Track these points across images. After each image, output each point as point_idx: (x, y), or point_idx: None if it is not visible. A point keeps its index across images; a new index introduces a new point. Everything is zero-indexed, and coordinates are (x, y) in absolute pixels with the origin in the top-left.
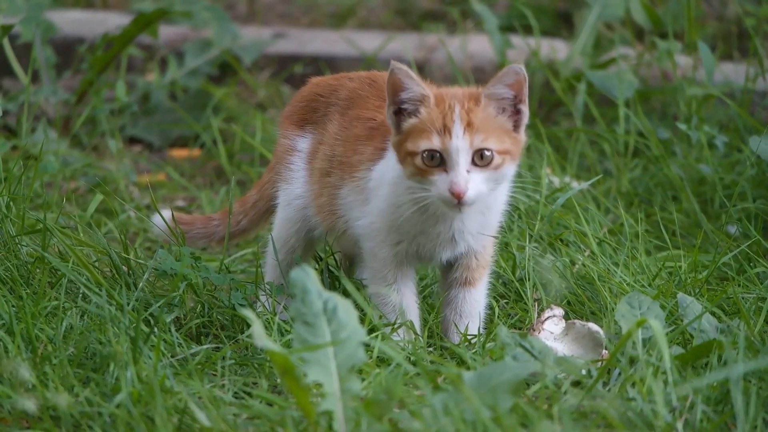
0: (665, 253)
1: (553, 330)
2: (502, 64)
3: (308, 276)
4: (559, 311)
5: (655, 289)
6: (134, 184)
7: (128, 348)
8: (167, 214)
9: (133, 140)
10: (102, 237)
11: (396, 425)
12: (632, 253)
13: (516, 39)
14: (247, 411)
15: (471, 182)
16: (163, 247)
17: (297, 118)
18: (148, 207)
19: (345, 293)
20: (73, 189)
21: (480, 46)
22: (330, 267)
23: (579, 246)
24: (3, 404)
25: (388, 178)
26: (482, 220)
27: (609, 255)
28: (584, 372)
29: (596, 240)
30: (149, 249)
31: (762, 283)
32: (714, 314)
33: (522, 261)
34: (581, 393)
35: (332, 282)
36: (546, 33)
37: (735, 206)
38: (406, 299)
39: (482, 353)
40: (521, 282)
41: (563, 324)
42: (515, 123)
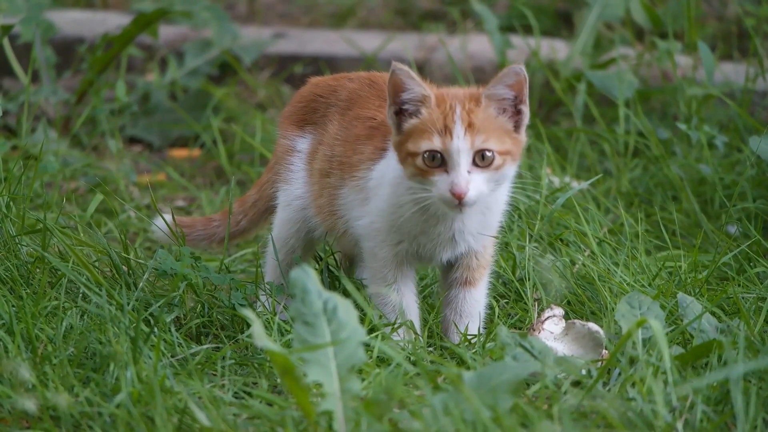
0: (665, 253)
1: (553, 330)
2: (502, 64)
3: (308, 276)
4: (559, 311)
5: (655, 289)
6: (134, 184)
7: (128, 348)
8: (168, 216)
9: (133, 140)
10: (102, 237)
11: (396, 425)
12: (632, 253)
13: (516, 39)
14: (247, 411)
15: (472, 183)
16: (163, 247)
17: (297, 119)
18: (148, 207)
19: (345, 293)
20: (73, 189)
21: (480, 46)
22: (330, 267)
23: (579, 246)
24: (3, 404)
25: (389, 178)
26: (482, 221)
27: (609, 255)
28: (584, 372)
29: (596, 240)
30: (149, 249)
31: (762, 283)
32: (714, 314)
33: (522, 261)
34: (581, 393)
35: (332, 282)
36: (546, 33)
37: (735, 206)
38: (406, 299)
39: (482, 353)
40: (521, 282)
41: (563, 324)
42: (516, 123)
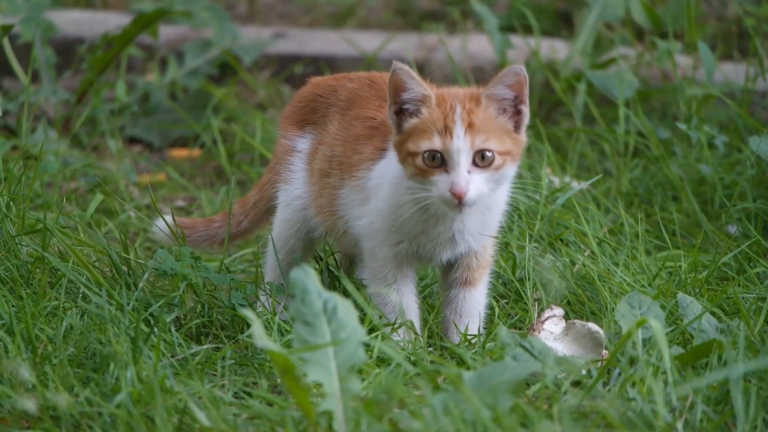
0: (665, 253)
1: (553, 330)
2: (502, 64)
3: (308, 276)
4: (559, 311)
5: (655, 289)
6: (134, 184)
7: (128, 348)
8: (168, 217)
9: (133, 140)
10: (102, 237)
11: (396, 425)
12: (632, 253)
13: (516, 39)
14: (247, 411)
15: (472, 183)
16: (163, 247)
17: (297, 119)
18: (148, 207)
19: (345, 293)
20: (73, 189)
21: (480, 46)
22: (330, 267)
23: (579, 246)
24: (3, 404)
25: (389, 178)
26: (482, 221)
27: (609, 255)
28: (584, 372)
29: (596, 240)
30: (149, 249)
31: (762, 283)
32: (714, 314)
33: (522, 261)
34: (581, 393)
35: (332, 282)
36: (546, 33)
37: (735, 206)
38: (406, 299)
39: (482, 353)
40: (521, 282)
41: (563, 324)
42: (516, 123)
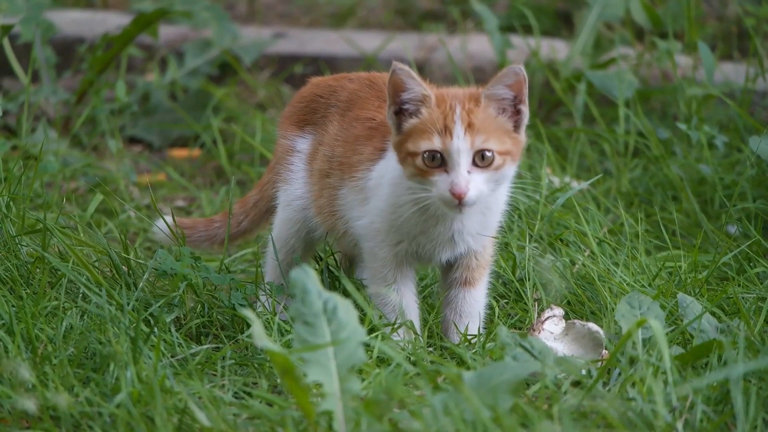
0: (665, 253)
1: (553, 330)
2: (502, 64)
3: (308, 276)
4: (559, 311)
5: (655, 289)
6: (134, 184)
7: (128, 348)
8: (168, 217)
9: (133, 140)
10: (102, 237)
11: (396, 425)
12: (632, 253)
13: (516, 39)
14: (247, 411)
15: (472, 183)
16: (163, 247)
17: (297, 119)
18: (148, 207)
19: (345, 293)
20: (73, 189)
21: (480, 46)
22: (330, 267)
23: (579, 246)
24: (3, 404)
25: (388, 178)
26: (482, 221)
27: (609, 255)
28: (584, 372)
29: (596, 240)
30: (149, 249)
31: (762, 283)
32: (714, 314)
33: (522, 261)
34: (581, 393)
35: (332, 282)
36: (546, 33)
37: (735, 206)
38: (406, 299)
39: (482, 353)
40: (521, 282)
41: (563, 324)
42: (515, 123)
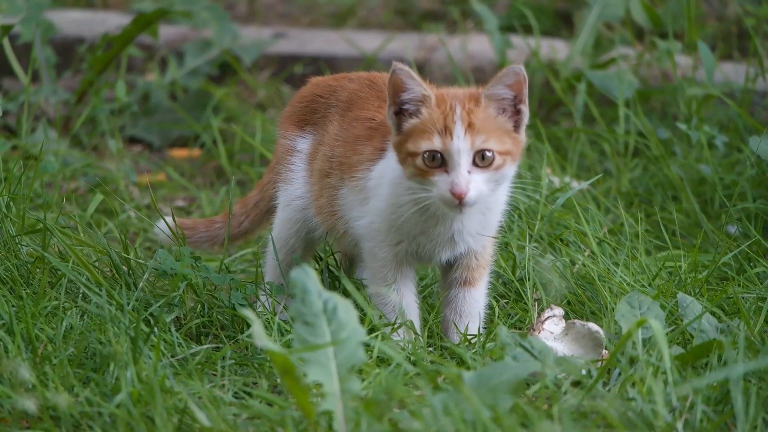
0: (665, 253)
1: (553, 330)
2: (502, 64)
3: (308, 276)
4: (559, 311)
5: (655, 289)
6: (134, 184)
7: (128, 348)
8: (169, 218)
9: (133, 140)
10: (102, 237)
11: (396, 425)
12: (632, 253)
13: (516, 39)
14: (247, 411)
15: (472, 183)
16: (163, 247)
17: (297, 119)
18: (148, 207)
19: (345, 293)
20: (73, 189)
21: (480, 46)
22: (330, 267)
23: (579, 246)
24: (3, 404)
25: (388, 179)
26: (482, 221)
27: (609, 255)
28: (584, 372)
29: (596, 240)
30: (149, 249)
31: (762, 283)
32: (714, 314)
33: (522, 261)
34: (581, 393)
35: (332, 282)
36: (546, 33)
37: (735, 206)
38: (406, 299)
39: (482, 353)
40: (521, 282)
41: (563, 324)
42: (515, 123)
